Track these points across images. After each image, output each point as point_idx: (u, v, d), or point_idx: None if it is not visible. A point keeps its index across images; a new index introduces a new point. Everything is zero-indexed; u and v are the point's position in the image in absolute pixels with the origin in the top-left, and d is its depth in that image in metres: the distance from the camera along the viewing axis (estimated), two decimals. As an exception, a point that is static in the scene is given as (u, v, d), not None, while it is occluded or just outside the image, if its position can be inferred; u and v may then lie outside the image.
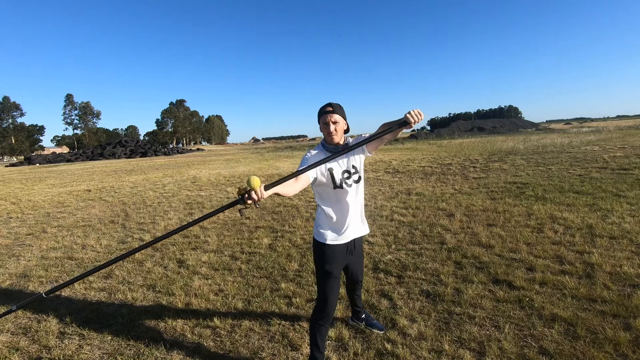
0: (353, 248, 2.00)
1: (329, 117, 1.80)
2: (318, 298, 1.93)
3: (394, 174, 9.69)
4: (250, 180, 1.45)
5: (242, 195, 1.46)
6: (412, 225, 4.72)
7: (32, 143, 69.96)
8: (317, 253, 1.94)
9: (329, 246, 1.90)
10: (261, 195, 1.45)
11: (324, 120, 1.82)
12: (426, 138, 31.92)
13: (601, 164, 8.54)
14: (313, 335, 1.93)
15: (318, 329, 1.92)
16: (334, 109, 1.81)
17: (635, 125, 32.49)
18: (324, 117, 1.82)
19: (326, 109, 1.82)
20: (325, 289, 1.89)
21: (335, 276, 1.90)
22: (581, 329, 2.22)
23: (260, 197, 1.45)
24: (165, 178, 12.39)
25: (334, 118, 1.80)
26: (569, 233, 3.97)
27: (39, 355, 2.30)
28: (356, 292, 2.32)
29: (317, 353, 1.92)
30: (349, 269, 2.15)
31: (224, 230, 5.07)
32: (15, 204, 8.49)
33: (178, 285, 3.22)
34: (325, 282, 1.89)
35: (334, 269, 1.89)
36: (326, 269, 1.88)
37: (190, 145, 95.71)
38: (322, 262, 1.90)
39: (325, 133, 1.84)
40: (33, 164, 31.33)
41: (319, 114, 1.87)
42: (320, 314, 1.91)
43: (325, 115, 1.81)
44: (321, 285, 1.91)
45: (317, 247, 1.94)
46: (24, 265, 4.03)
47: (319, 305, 1.92)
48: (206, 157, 28.70)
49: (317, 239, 1.94)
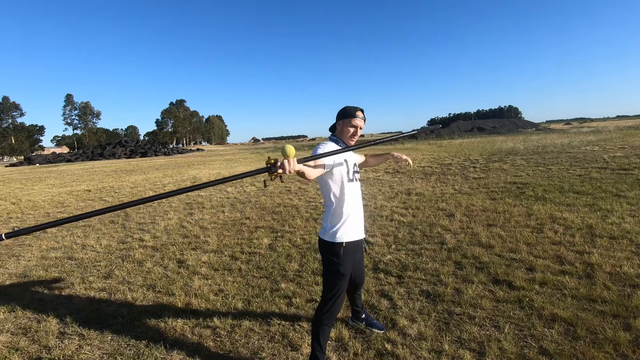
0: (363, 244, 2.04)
1: (359, 122, 1.89)
2: (328, 298, 1.90)
3: (394, 174, 9.69)
4: (285, 148, 1.42)
5: (272, 164, 1.41)
6: (412, 225, 4.72)
7: (32, 143, 69.97)
8: (330, 254, 1.88)
9: (344, 247, 1.86)
10: (293, 166, 1.42)
11: (353, 123, 1.89)
12: (426, 138, 31.92)
13: (601, 164, 8.54)
14: (316, 334, 1.91)
15: (322, 329, 1.91)
16: (364, 115, 1.91)
17: (635, 125, 32.48)
18: (355, 120, 1.89)
19: (358, 112, 1.90)
20: (338, 289, 1.88)
21: (347, 276, 1.89)
22: (581, 329, 2.22)
23: (292, 169, 1.42)
24: (165, 178, 12.39)
25: (362, 124, 1.90)
26: (569, 233, 3.97)
27: (39, 355, 2.30)
28: (357, 291, 2.32)
29: (319, 353, 1.92)
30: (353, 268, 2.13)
31: (224, 230, 5.07)
32: (15, 204, 8.49)
33: (178, 285, 3.22)
34: (338, 283, 1.87)
35: (347, 269, 1.87)
36: (341, 271, 1.85)
37: (190, 145, 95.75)
38: (336, 263, 1.85)
39: (349, 134, 1.91)
40: (33, 164, 31.32)
41: (347, 114, 1.91)
42: (327, 313, 1.90)
43: (356, 119, 1.89)
44: (333, 286, 1.88)
45: (329, 248, 1.88)
46: (24, 265, 4.03)
47: (328, 305, 1.89)
48: (206, 157, 28.69)
49: (329, 240, 1.88)
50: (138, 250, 4.34)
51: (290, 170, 1.41)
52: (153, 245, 4.54)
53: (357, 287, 2.30)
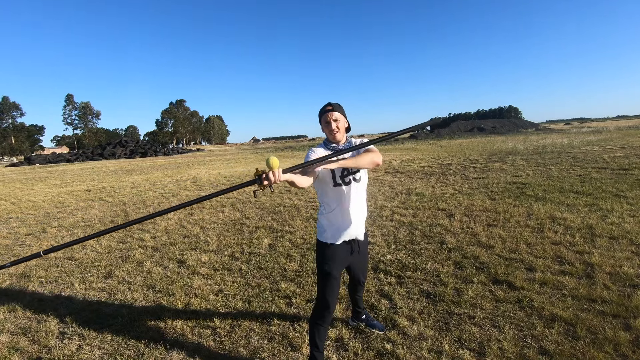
0: (358, 248, 1.99)
1: (329, 116, 1.86)
2: (317, 298, 1.93)
3: (394, 174, 9.69)
4: (269, 160, 1.44)
5: (259, 175, 1.45)
6: (412, 225, 4.72)
7: (32, 143, 69.94)
8: (317, 253, 1.96)
9: (329, 246, 1.90)
10: (278, 177, 1.44)
11: (325, 119, 1.87)
12: (426, 138, 31.91)
13: (601, 164, 8.54)
14: (312, 335, 1.93)
15: (317, 329, 1.91)
16: (333, 107, 1.87)
17: (635, 125, 32.48)
18: (325, 116, 1.87)
19: (326, 108, 1.88)
20: (324, 289, 1.89)
21: (334, 277, 1.88)
22: (581, 329, 2.22)
23: (277, 179, 1.44)
24: (165, 178, 12.39)
25: (334, 116, 1.86)
26: (569, 233, 3.97)
27: (39, 355, 2.30)
28: (358, 293, 2.32)
29: (316, 353, 1.92)
30: (352, 269, 2.13)
31: (224, 230, 5.07)
32: (15, 204, 8.49)
33: (178, 286, 3.22)
34: (324, 282, 1.89)
35: (332, 269, 1.88)
36: (325, 269, 1.88)
37: (190, 145, 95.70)
38: (321, 262, 1.90)
39: (327, 132, 1.89)
40: (33, 164, 31.32)
41: (319, 114, 1.93)
42: (319, 314, 1.91)
43: (326, 114, 1.87)
44: (320, 286, 1.91)
45: (318, 247, 1.96)
46: (23, 265, 4.02)
47: (318, 305, 1.92)
48: (206, 157, 28.70)
49: (318, 238, 1.96)
50: (138, 250, 4.34)
51: (276, 181, 1.44)
52: (153, 245, 4.54)
53: (357, 289, 2.29)
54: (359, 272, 2.17)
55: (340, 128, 1.88)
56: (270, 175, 1.42)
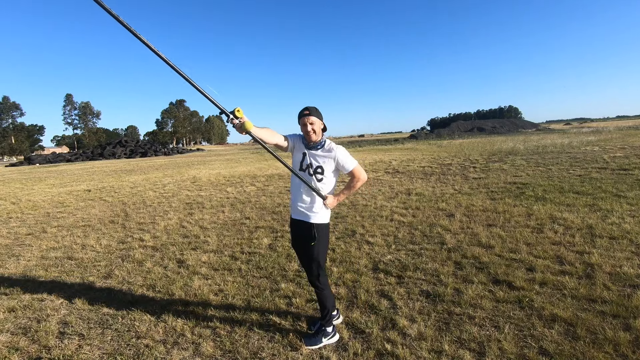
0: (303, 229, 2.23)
1: (306, 120, 2.09)
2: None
3: (394, 174, 9.69)
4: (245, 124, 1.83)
5: (234, 115, 1.83)
6: (412, 225, 4.72)
7: (32, 143, 69.95)
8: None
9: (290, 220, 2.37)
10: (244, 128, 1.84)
11: (302, 122, 2.11)
12: (426, 138, 31.91)
13: (601, 165, 8.54)
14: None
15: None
16: (310, 112, 2.10)
17: (635, 126, 32.48)
18: (302, 119, 2.10)
19: (304, 112, 2.11)
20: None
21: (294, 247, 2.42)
22: (581, 329, 2.22)
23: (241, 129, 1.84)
24: (165, 178, 12.39)
25: (310, 120, 2.08)
26: (569, 233, 3.97)
27: (38, 355, 2.30)
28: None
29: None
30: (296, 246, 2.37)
31: (224, 230, 5.07)
32: (15, 204, 8.49)
33: (178, 286, 3.22)
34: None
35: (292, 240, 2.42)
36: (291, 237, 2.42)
37: (190, 145, 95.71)
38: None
39: (304, 133, 2.14)
40: (33, 164, 31.32)
41: (298, 117, 2.15)
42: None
43: (303, 117, 2.10)
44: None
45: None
46: (23, 265, 4.03)
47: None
48: (206, 157, 28.70)
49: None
50: (138, 250, 4.34)
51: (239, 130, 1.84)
52: (153, 245, 4.54)
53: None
54: (300, 252, 2.34)
55: (315, 130, 2.10)
56: (238, 123, 1.82)
